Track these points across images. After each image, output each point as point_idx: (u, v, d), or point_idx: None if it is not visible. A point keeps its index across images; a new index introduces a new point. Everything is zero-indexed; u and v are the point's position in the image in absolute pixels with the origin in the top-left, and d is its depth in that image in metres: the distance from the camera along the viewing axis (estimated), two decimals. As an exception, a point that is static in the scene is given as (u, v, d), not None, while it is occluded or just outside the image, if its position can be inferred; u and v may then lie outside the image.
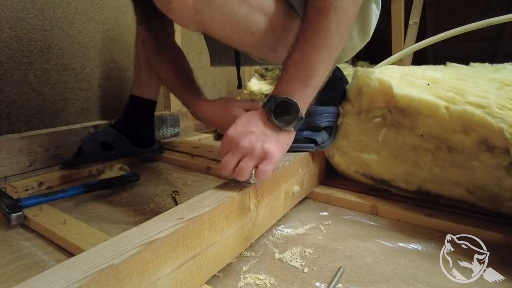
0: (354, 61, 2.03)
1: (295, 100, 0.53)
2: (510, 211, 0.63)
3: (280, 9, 0.61)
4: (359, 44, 0.79)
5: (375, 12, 0.74)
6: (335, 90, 0.79)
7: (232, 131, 0.52)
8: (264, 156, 0.51)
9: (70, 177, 0.88)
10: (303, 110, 0.54)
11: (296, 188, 0.70)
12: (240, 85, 0.85)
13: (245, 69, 1.69)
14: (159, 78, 0.81)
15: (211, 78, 1.74)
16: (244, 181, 0.54)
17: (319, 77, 0.55)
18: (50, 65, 1.04)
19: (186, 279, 0.43)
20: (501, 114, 0.60)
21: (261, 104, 0.60)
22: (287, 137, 0.56)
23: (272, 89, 0.56)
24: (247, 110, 0.68)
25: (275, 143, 0.53)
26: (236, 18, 0.58)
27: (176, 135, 1.35)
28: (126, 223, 0.67)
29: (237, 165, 0.52)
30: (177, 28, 1.32)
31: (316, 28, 0.52)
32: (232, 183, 0.54)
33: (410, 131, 0.69)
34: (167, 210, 0.46)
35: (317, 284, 0.49)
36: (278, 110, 0.53)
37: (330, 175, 0.86)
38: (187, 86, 0.74)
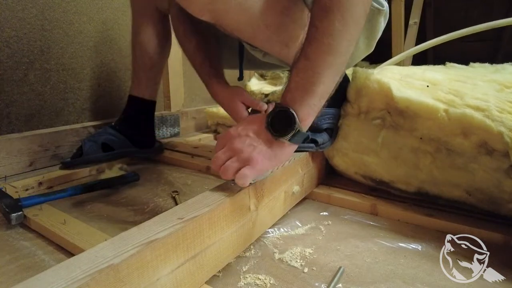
0: (354, 61, 2.03)
1: (293, 112, 0.51)
2: (510, 213, 0.63)
3: (296, 4, 0.61)
4: (363, 53, 0.80)
5: (381, 26, 0.75)
6: (337, 91, 0.79)
7: (233, 130, 0.53)
8: (248, 162, 0.50)
9: (70, 177, 0.88)
10: (305, 121, 0.52)
11: (296, 188, 0.70)
12: (241, 77, 0.86)
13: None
14: (187, 52, 0.83)
15: (211, 78, 1.74)
16: None
17: (325, 85, 0.52)
18: (50, 65, 1.04)
19: (186, 279, 0.43)
20: (500, 118, 0.60)
21: (265, 107, 0.62)
22: (280, 150, 0.53)
23: (272, 91, 0.57)
24: (248, 108, 0.72)
25: (264, 152, 0.52)
26: (251, 10, 0.57)
27: (176, 135, 1.35)
28: (126, 223, 0.67)
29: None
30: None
31: (320, 31, 0.50)
32: (232, 183, 0.54)
33: (409, 133, 0.69)
34: (167, 210, 0.46)
35: (317, 284, 0.49)
36: (277, 120, 0.51)
37: (330, 175, 0.86)
38: (208, 66, 0.79)
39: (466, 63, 0.95)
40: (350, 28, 0.50)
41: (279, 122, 0.51)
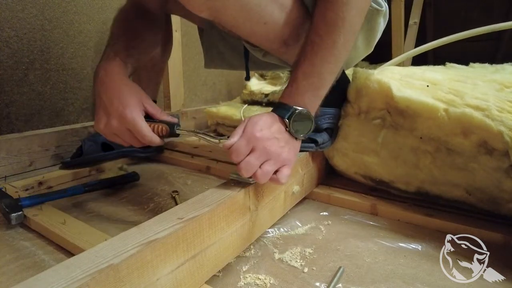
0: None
1: (310, 112, 0.56)
2: (510, 212, 0.63)
3: (294, 2, 0.61)
4: (362, 54, 0.80)
5: (381, 27, 0.76)
6: (337, 92, 0.79)
7: (257, 132, 0.52)
8: (285, 162, 0.54)
9: (70, 177, 0.88)
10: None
11: (296, 188, 0.70)
12: (248, 77, 0.85)
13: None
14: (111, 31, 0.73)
15: (211, 78, 1.74)
16: (244, 180, 0.54)
17: (326, 88, 0.58)
18: (50, 65, 1.04)
19: (186, 279, 0.43)
20: (500, 117, 0.60)
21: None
22: (298, 145, 0.59)
23: (280, 93, 0.58)
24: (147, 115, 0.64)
25: (293, 150, 0.56)
26: (249, 6, 0.58)
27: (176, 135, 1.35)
28: (126, 223, 0.67)
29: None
30: (178, 28, 1.33)
31: (325, 41, 0.54)
32: (232, 183, 0.54)
33: (409, 133, 0.69)
34: (167, 210, 0.46)
35: (317, 284, 0.49)
36: (296, 120, 0.55)
37: (330, 175, 0.86)
38: (120, 48, 0.65)
39: (466, 63, 0.95)
40: (350, 39, 0.56)
41: (297, 122, 0.56)
